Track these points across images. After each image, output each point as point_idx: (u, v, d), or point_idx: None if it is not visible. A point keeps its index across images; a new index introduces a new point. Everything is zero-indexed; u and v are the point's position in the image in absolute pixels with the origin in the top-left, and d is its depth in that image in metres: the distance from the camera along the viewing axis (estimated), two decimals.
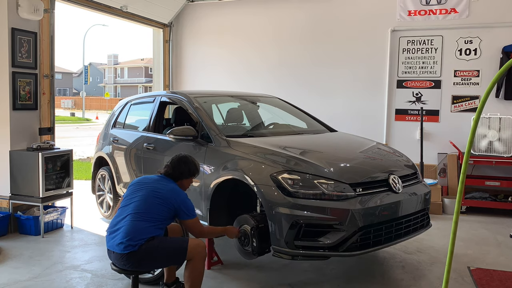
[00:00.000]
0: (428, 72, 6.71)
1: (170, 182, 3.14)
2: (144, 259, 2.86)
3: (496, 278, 3.78)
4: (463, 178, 2.06)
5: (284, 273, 3.87)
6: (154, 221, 2.91)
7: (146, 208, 2.93)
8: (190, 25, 8.18)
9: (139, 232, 2.84)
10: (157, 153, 4.61)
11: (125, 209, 2.98)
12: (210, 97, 5.04)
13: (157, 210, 2.94)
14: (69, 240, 4.80)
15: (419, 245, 4.65)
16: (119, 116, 5.63)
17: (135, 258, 2.83)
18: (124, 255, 2.83)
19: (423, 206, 3.78)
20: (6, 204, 4.99)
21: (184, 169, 3.21)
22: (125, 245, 2.81)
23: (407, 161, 4.10)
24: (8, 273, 3.82)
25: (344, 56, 7.15)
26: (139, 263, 2.88)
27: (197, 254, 2.95)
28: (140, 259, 2.85)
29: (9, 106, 4.86)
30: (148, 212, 2.92)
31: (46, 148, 5.00)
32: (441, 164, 6.62)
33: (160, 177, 3.17)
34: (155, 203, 2.95)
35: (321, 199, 3.24)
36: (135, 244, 2.80)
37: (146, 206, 2.94)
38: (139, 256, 2.83)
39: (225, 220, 3.86)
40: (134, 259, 2.84)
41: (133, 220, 2.88)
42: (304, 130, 4.90)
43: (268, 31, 7.61)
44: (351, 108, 7.10)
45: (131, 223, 2.87)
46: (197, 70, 8.16)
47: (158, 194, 2.99)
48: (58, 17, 29.25)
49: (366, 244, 3.29)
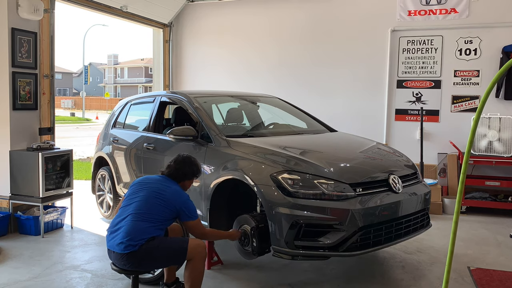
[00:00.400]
0: (428, 72, 6.71)
1: (172, 183, 3.13)
2: (144, 259, 2.86)
3: (496, 278, 3.78)
4: (463, 178, 2.06)
5: (284, 273, 3.87)
6: (154, 222, 2.90)
7: (148, 209, 2.92)
8: (190, 25, 8.18)
9: (139, 232, 2.83)
10: (157, 153, 4.61)
11: (126, 209, 2.97)
12: (210, 97, 5.04)
13: (158, 211, 2.93)
14: (69, 240, 4.80)
15: (419, 245, 4.65)
16: (119, 116, 5.63)
17: (135, 258, 2.83)
18: (124, 255, 2.82)
19: (423, 206, 3.78)
20: (6, 204, 4.99)
21: (188, 170, 3.20)
22: (126, 245, 2.80)
23: (407, 161, 4.10)
24: (8, 273, 3.82)
25: (344, 56, 7.15)
26: (139, 263, 2.88)
27: (197, 254, 2.95)
28: (140, 259, 2.85)
29: (9, 106, 4.86)
30: (149, 213, 2.91)
31: (46, 148, 5.00)
32: (441, 164, 6.62)
33: (162, 177, 3.17)
34: (157, 204, 2.95)
35: (321, 199, 3.24)
36: (136, 244, 2.80)
37: (148, 206, 2.93)
38: (139, 256, 2.83)
39: (225, 220, 3.86)
40: (134, 259, 2.84)
41: (134, 220, 2.88)
42: (304, 130, 4.90)
43: (268, 31, 7.61)
44: (351, 108, 7.10)
45: (132, 223, 2.87)
46: (197, 70, 8.16)
47: (160, 195, 2.98)
48: (58, 17, 29.28)
49: (366, 244, 3.29)
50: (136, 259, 2.84)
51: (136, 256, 2.82)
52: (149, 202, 2.95)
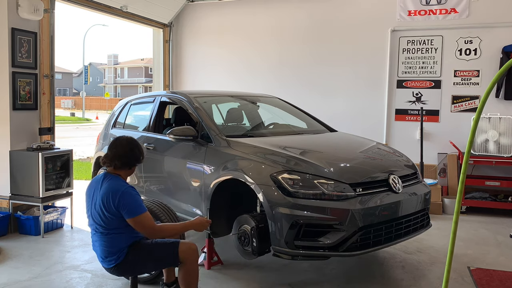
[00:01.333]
0: (428, 72, 6.71)
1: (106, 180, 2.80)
2: (134, 265, 2.83)
3: (496, 278, 3.78)
4: (463, 178, 2.05)
5: (284, 273, 3.87)
6: (117, 232, 2.74)
7: (102, 224, 2.74)
8: (190, 25, 8.18)
9: (112, 246, 2.76)
10: (157, 153, 4.60)
11: (91, 227, 2.85)
12: (210, 97, 5.04)
13: (110, 223, 2.73)
14: (69, 240, 4.80)
15: (419, 245, 4.65)
16: (119, 116, 5.63)
17: (125, 267, 2.81)
18: (112, 268, 2.81)
19: (423, 206, 3.78)
20: (6, 204, 4.99)
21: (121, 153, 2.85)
22: (109, 260, 2.79)
23: (407, 161, 4.10)
24: (8, 273, 3.82)
25: (344, 56, 7.15)
26: (132, 270, 2.86)
27: (189, 256, 2.85)
28: (130, 267, 2.82)
29: (9, 106, 4.86)
30: (105, 227, 2.74)
31: (46, 148, 5.00)
32: (441, 164, 6.62)
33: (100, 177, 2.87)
34: (104, 216, 2.72)
35: (321, 199, 3.24)
36: (117, 257, 2.77)
37: (101, 222, 2.74)
38: (128, 265, 2.80)
39: (225, 220, 3.86)
40: (124, 268, 2.81)
41: (100, 238, 2.78)
42: (304, 130, 4.90)
43: (268, 31, 7.61)
44: (351, 108, 7.10)
45: (100, 241, 2.78)
46: (197, 70, 8.16)
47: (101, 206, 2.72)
48: (58, 17, 29.27)
49: (366, 244, 3.29)
50: (125, 267, 2.81)
51: (124, 265, 2.79)
52: (99, 217, 2.74)
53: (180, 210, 4.16)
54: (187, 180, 4.13)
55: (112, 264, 2.79)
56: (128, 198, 2.68)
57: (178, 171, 4.29)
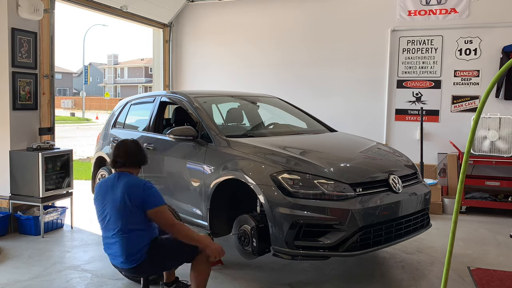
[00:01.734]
0: (428, 72, 6.71)
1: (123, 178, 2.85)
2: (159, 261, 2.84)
3: (496, 278, 3.78)
4: (463, 178, 2.06)
5: (284, 273, 3.87)
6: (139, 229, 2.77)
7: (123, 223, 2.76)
8: (190, 25, 8.18)
9: (134, 245, 2.76)
10: (157, 153, 4.60)
11: (106, 229, 2.85)
12: (210, 97, 5.04)
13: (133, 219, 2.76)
14: (69, 240, 4.80)
15: (419, 245, 4.65)
16: (119, 116, 5.63)
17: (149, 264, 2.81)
18: (134, 267, 2.80)
19: (423, 206, 3.78)
20: (6, 204, 4.99)
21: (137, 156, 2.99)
22: (130, 260, 2.78)
23: (407, 161, 4.10)
24: (8, 273, 3.82)
25: (344, 56, 7.15)
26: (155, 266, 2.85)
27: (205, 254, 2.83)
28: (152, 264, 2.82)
29: (9, 106, 4.86)
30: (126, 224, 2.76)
31: (46, 148, 5.00)
32: (441, 164, 6.62)
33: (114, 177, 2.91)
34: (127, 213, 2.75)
35: (321, 199, 3.24)
36: (139, 256, 2.77)
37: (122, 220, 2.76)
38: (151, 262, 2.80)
39: (225, 220, 3.86)
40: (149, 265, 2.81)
41: (120, 238, 2.77)
42: (304, 130, 4.90)
43: (268, 31, 7.61)
44: (351, 108, 7.10)
45: (120, 242, 2.77)
46: (197, 70, 8.16)
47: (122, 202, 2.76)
48: (58, 17, 29.20)
49: (366, 244, 3.29)
50: (149, 264, 2.81)
51: (147, 263, 2.79)
52: (121, 213, 2.76)
53: (180, 210, 4.16)
54: (187, 180, 4.13)
55: (135, 264, 2.78)
56: (152, 189, 2.81)
57: (178, 171, 4.29)
